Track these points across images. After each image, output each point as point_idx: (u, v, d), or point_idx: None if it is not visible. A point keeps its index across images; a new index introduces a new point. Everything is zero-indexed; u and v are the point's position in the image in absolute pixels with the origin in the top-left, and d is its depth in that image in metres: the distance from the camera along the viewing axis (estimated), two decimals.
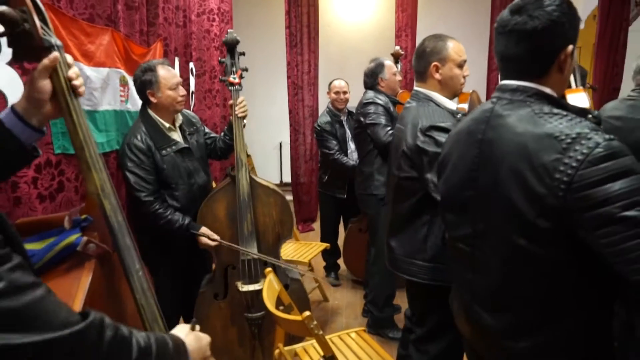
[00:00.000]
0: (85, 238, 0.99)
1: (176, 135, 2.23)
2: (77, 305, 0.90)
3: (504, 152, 1.04)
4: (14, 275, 0.58)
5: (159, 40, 2.84)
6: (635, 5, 4.30)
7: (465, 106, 1.76)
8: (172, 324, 2.29)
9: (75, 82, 0.96)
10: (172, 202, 2.17)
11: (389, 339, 2.79)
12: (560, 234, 0.96)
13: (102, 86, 2.16)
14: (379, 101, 2.77)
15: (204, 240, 2.18)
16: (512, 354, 1.09)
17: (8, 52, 1.59)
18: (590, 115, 1.02)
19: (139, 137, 2.09)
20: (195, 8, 3.66)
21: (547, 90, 1.06)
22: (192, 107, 3.46)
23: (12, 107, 0.92)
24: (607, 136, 0.92)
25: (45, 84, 0.92)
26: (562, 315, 1.02)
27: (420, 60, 1.75)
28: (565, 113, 1.00)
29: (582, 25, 4.44)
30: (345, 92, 3.53)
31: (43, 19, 0.92)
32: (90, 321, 0.66)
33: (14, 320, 0.56)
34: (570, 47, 1.04)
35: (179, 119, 2.28)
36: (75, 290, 0.92)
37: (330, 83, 3.59)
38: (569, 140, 0.93)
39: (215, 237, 2.21)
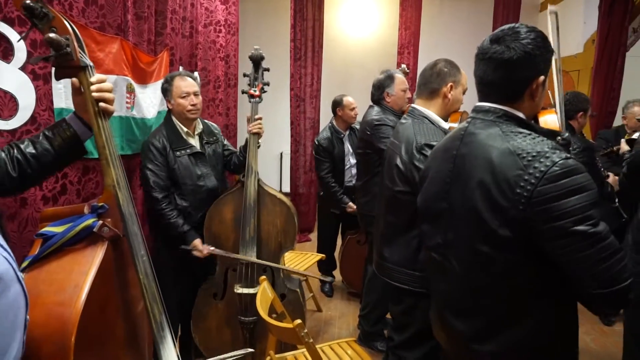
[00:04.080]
0: (100, 222, 1.12)
1: (193, 141, 2.36)
2: (89, 278, 1.04)
3: (473, 166, 1.12)
4: None
5: (166, 49, 2.92)
6: (633, 31, 4.39)
7: (456, 125, 1.84)
8: (172, 319, 2.37)
9: (95, 94, 1.16)
10: (181, 202, 2.30)
11: (379, 351, 2.82)
12: (520, 241, 1.04)
13: None
14: (390, 122, 2.66)
15: (195, 253, 2.29)
16: (482, 357, 1.15)
17: (21, 57, 1.67)
18: (559, 137, 1.10)
19: (157, 137, 2.27)
20: (203, 19, 3.75)
21: (517, 112, 1.14)
22: None
23: (74, 112, 1.21)
24: (564, 155, 1.00)
25: (79, 100, 1.18)
26: (524, 316, 1.10)
27: (438, 77, 1.82)
28: (529, 132, 1.09)
29: (581, 49, 4.53)
30: (356, 107, 3.55)
31: (80, 45, 1.15)
32: None
33: None
34: (542, 77, 1.13)
35: (199, 127, 2.40)
36: (88, 266, 1.06)
37: (341, 101, 3.50)
38: (529, 158, 1.01)
39: (203, 249, 2.30)
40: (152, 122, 2.68)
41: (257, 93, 2.46)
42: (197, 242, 2.29)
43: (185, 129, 2.33)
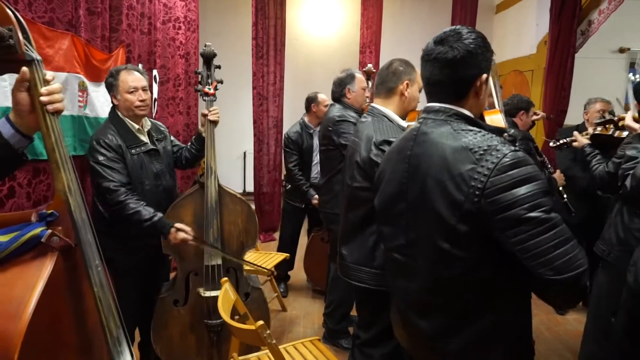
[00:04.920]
0: (49, 231, 1.03)
1: (144, 138, 2.24)
2: (36, 292, 0.95)
3: (428, 164, 1.15)
4: None
5: (122, 46, 2.83)
6: (581, 34, 4.60)
7: (413, 124, 1.88)
8: (130, 330, 2.24)
9: (43, 99, 1.03)
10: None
11: (344, 349, 2.83)
12: (478, 236, 1.07)
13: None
14: (351, 119, 2.68)
15: (180, 235, 2.08)
16: (445, 355, 1.17)
17: None
18: (506, 134, 1.14)
19: (109, 136, 2.08)
20: (161, 16, 3.65)
21: (466, 111, 1.18)
22: (154, 115, 3.44)
23: (7, 116, 1.07)
24: (512, 148, 1.05)
25: (23, 97, 1.04)
26: (485, 311, 1.12)
27: (394, 76, 1.86)
28: (478, 130, 1.13)
29: (534, 51, 4.69)
30: (329, 104, 3.57)
31: (26, 37, 1.04)
32: None
33: None
34: (484, 75, 1.17)
35: (147, 124, 2.29)
36: (35, 279, 0.97)
37: (316, 97, 3.59)
38: (481, 152, 1.05)
39: (187, 229, 2.12)
40: None
41: (212, 91, 2.40)
42: (178, 225, 2.09)
43: (136, 126, 2.18)
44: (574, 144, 2.79)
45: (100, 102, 2.56)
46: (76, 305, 1.13)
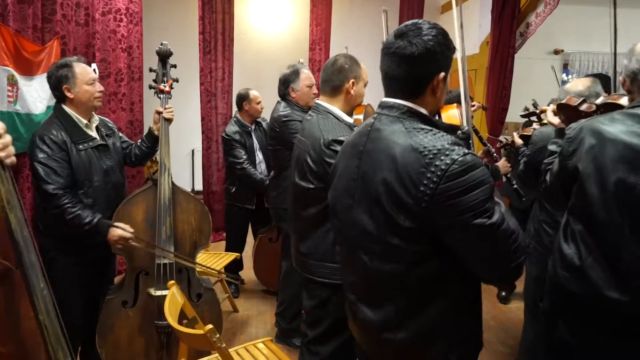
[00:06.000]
0: None
1: (93, 133, 2.15)
2: None
3: (378, 161, 1.14)
4: None
5: (56, 38, 2.66)
6: (520, 35, 4.83)
7: (361, 117, 1.88)
8: (76, 334, 2.10)
9: (1, 154, 0.89)
10: (87, 201, 2.07)
11: (297, 347, 2.82)
12: (425, 233, 1.08)
13: None
14: (297, 117, 2.67)
15: (119, 232, 2.04)
16: (394, 346, 1.19)
17: None
18: (459, 132, 1.15)
19: (54, 131, 1.99)
20: (100, 7, 3.47)
21: (421, 109, 1.17)
22: None
23: None
24: (462, 152, 1.04)
25: None
26: (431, 303, 1.14)
27: (339, 74, 1.83)
28: (430, 128, 1.12)
29: (477, 50, 4.82)
30: (261, 101, 3.52)
31: None
32: None
33: None
34: (442, 74, 1.15)
35: (96, 119, 2.20)
36: None
37: (247, 95, 3.46)
38: (430, 156, 1.04)
39: (131, 229, 2.09)
40: (40, 117, 2.43)
41: (168, 89, 2.37)
42: (120, 223, 2.07)
43: (84, 121, 2.09)
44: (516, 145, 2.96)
45: (33, 97, 2.39)
46: (14, 333, 1.01)
